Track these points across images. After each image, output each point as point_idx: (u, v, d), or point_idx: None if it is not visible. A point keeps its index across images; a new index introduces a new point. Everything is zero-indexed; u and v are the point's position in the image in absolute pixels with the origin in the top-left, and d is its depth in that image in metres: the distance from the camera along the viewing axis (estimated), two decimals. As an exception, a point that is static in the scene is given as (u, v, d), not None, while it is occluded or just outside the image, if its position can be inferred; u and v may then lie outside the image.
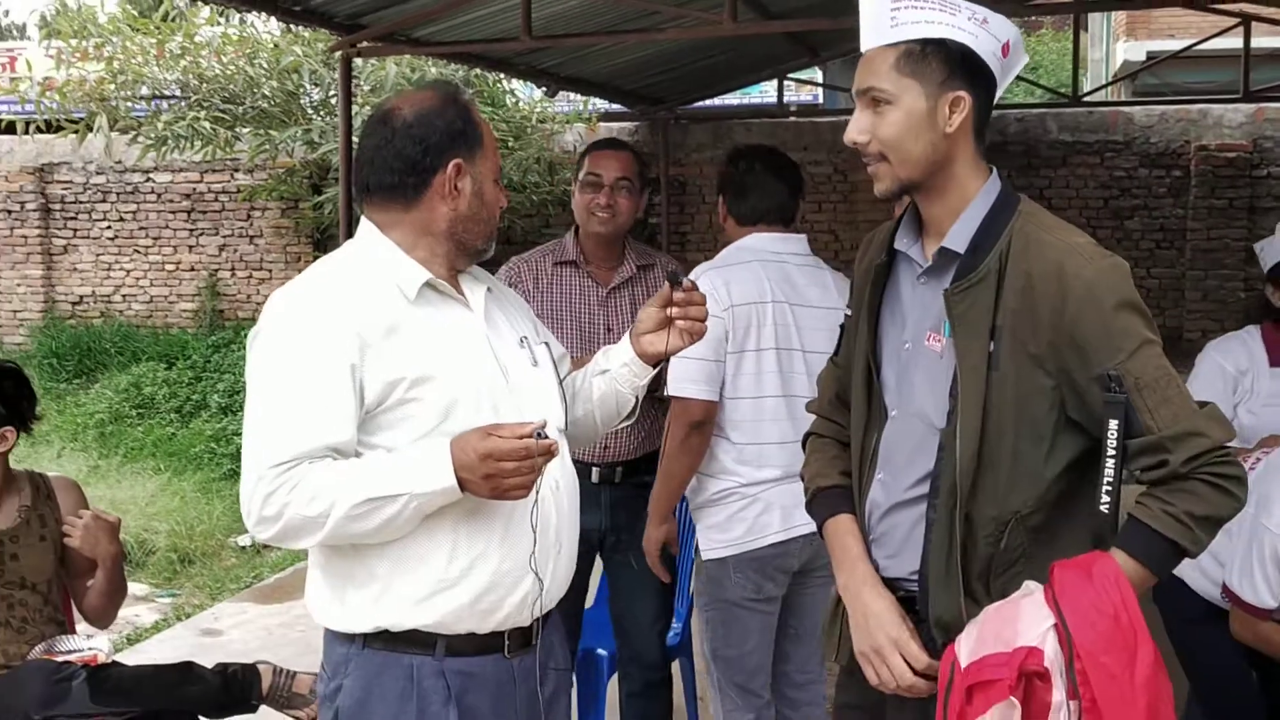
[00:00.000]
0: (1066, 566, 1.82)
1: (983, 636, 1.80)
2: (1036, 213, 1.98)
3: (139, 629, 5.81)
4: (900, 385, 2.04)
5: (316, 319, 2.06)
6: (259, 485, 2.00)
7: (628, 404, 2.36)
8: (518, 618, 2.15)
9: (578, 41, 6.78)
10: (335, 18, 6.08)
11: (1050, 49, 20.19)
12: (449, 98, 2.19)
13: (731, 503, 3.10)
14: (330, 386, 2.02)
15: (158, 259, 11.46)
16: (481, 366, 2.14)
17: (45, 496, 3.20)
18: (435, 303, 2.15)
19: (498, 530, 2.09)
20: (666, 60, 8.40)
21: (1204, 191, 9.64)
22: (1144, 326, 1.88)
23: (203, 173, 11.17)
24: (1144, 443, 1.82)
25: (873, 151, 1.96)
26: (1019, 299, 1.89)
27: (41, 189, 11.55)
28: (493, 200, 2.20)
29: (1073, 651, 1.72)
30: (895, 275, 2.09)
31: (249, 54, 9.03)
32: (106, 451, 9.39)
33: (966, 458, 1.90)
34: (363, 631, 2.11)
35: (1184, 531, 1.82)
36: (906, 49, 1.91)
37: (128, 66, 8.85)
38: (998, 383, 1.89)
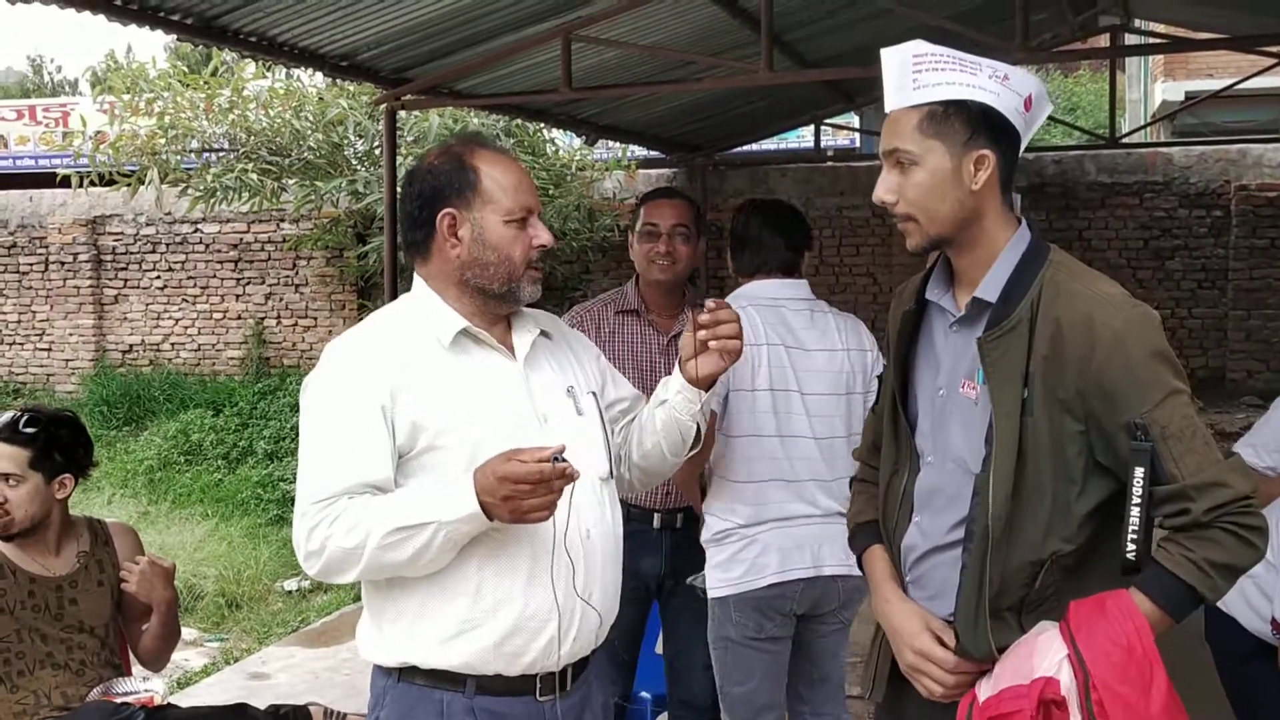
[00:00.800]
0: (1081, 603, 1.87)
1: (1000, 674, 1.86)
2: (1067, 262, 2.02)
3: (188, 672, 5.90)
4: (936, 432, 2.08)
5: (354, 365, 2.17)
6: (303, 521, 2.11)
7: (689, 431, 2.38)
8: (545, 662, 2.18)
9: (616, 92, 6.89)
10: (381, 72, 6.22)
11: (1088, 90, 20.19)
12: (445, 150, 2.26)
13: (731, 543, 3.15)
14: (366, 428, 2.11)
15: (205, 308, 11.67)
16: (511, 414, 2.18)
17: (103, 542, 3.28)
18: (471, 350, 2.22)
19: (522, 573, 2.14)
20: (703, 108, 8.49)
21: (1245, 231, 9.60)
22: (1172, 376, 1.92)
23: (249, 223, 11.39)
24: (1168, 491, 1.86)
25: (900, 212, 2.02)
26: (1050, 346, 1.92)
27: (93, 240, 11.83)
28: (502, 241, 2.21)
29: (1089, 681, 1.77)
30: (928, 324, 2.14)
31: (295, 107, 9.23)
32: (155, 497, 9.54)
33: (999, 502, 1.93)
34: (395, 665, 2.19)
35: (1203, 578, 1.85)
36: (929, 110, 1.96)
37: (178, 121, 9.06)
38: (1032, 428, 1.93)
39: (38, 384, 11.98)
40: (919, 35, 2.11)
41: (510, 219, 2.21)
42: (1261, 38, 6.53)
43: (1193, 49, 6.75)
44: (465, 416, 2.13)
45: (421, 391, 2.14)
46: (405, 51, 5.95)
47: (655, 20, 6.12)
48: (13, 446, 3.12)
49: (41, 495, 3.12)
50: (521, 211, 2.22)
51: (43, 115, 17.93)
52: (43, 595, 3.09)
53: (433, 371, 2.16)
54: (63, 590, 3.13)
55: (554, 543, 2.11)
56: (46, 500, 3.14)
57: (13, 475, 3.10)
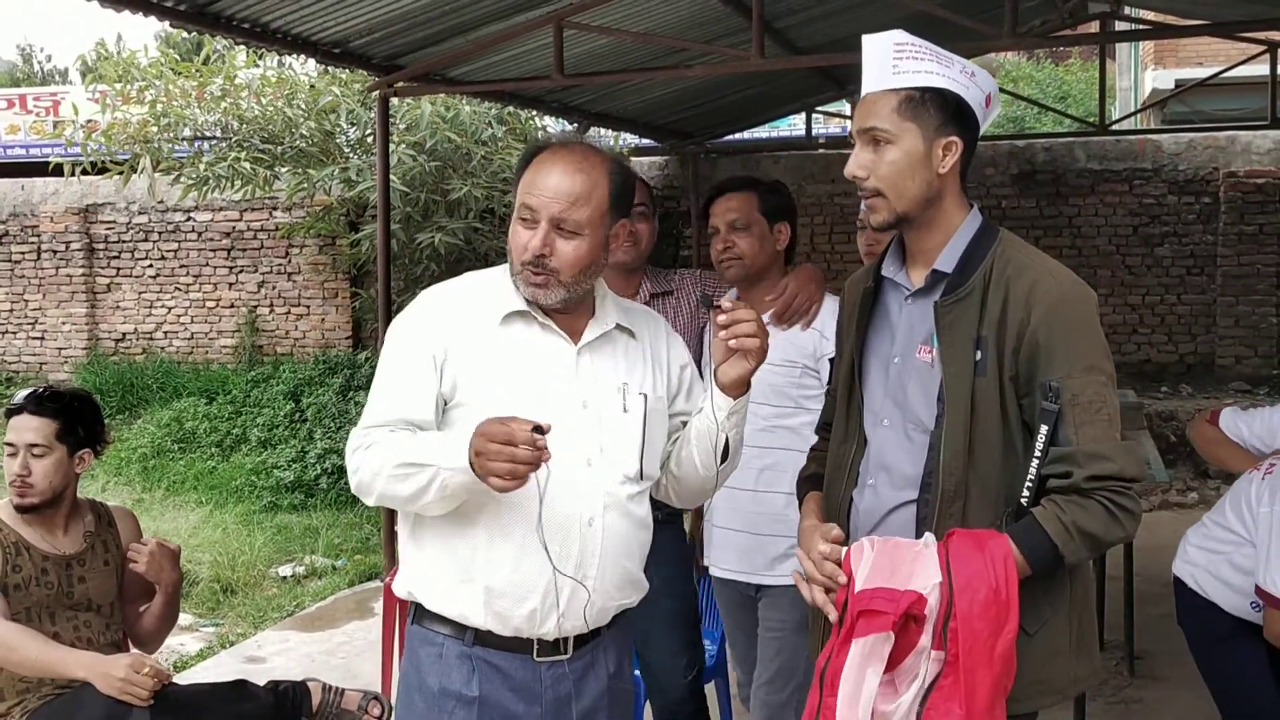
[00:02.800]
0: (964, 535, 2.04)
1: (878, 565, 2.04)
2: (1016, 241, 2.20)
3: (184, 657, 5.92)
4: (894, 396, 2.22)
5: (424, 316, 2.32)
6: (350, 442, 2.28)
7: (719, 442, 2.32)
8: (533, 629, 2.25)
9: (608, 79, 6.91)
10: (373, 59, 6.24)
11: (1079, 79, 20.23)
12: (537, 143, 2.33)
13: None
14: (417, 371, 2.26)
15: (198, 296, 11.68)
16: (550, 391, 2.25)
17: (107, 523, 3.33)
18: (526, 330, 2.30)
19: (515, 541, 2.22)
20: (696, 95, 8.52)
21: (1234, 218, 9.66)
22: (1097, 353, 2.09)
23: (242, 211, 11.40)
24: (1060, 452, 2.03)
25: (870, 187, 2.16)
26: (999, 312, 2.09)
27: (86, 229, 11.83)
28: (512, 232, 2.28)
29: (951, 610, 1.96)
30: (883, 300, 2.30)
31: (287, 95, 9.23)
32: (149, 485, 9.56)
33: (953, 455, 2.09)
34: (407, 599, 2.35)
35: (1067, 539, 2.02)
36: (908, 95, 2.12)
37: (170, 109, 9.06)
38: (984, 387, 2.09)
39: (30, 373, 11.98)
40: (909, 22, 2.24)
41: (521, 216, 2.25)
42: (1248, 23, 6.57)
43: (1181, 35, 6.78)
44: (498, 384, 2.23)
45: (468, 354, 2.26)
46: (397, 38, 5.97)
47: (647, 7, 6.14)
48: (40, 418, 3.18)
49: (63, 469, 3.19)
50: (524, 210, 2.24)
51: (33, 104, 17.90)
52: (55, 573, 3.14)
53: (482, 339, 2.27)
54: (72, 568, 3.18)
55: (535, 520, 2.17)
56: (67, 474, 3.20)
57: (39, 445, 3.16)
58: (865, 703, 1.97)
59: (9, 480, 3.13)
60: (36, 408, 3.18)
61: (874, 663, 1.99)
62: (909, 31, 2.19)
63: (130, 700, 2.85)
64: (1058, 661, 2.14)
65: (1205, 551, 3.32)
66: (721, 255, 3.26)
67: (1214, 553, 3.29)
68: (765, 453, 3.10)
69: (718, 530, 3.25)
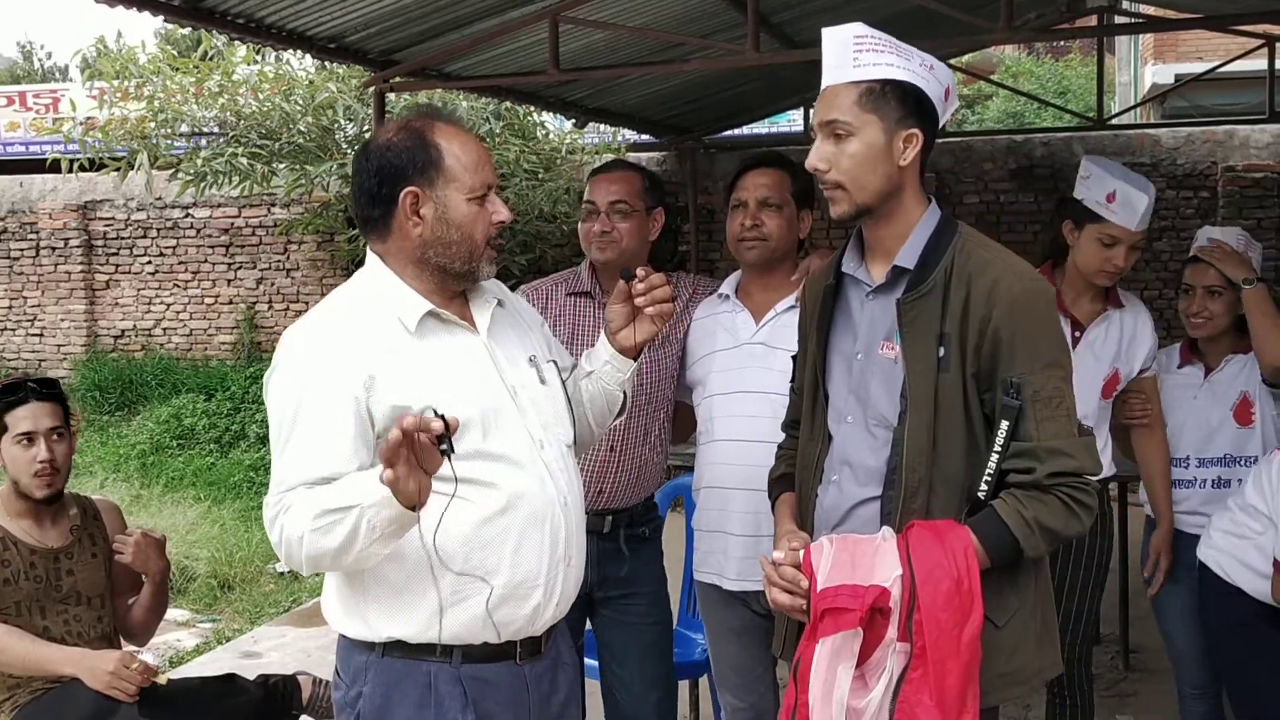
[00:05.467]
0: (923, 527, 2.06)
1: (839, 562, 2.05)
2: (976, 235, 2.22)
3: (180, 652, 5.93)
4: (857, 392, 2.22)
5: (322, 355, 2.13)
6: (267, 512, 2.14)
7: (616, 400, 2.48)
8: (529, 628, 2.23)
9: (605, 74, 6.90)
10: (369, 54, 6.22)
11: (1078, 73, 20.19)
12: (403, 125, 2.22)
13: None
14: (329, 420, 2.09)
15: (197, 293, 11.67)
16: (487, 390, 2.20)
17: (92, 516, 3.33)
18: (438, 331, 2.21)
19: (510, 544, 2.16)
20: (693, 91, 8.49)
21: (1232, 212, 9.63)
22: (1056, 349, 2.11)
23: (240, 208, 11.39)
24: (1021, 447, 2.06)
25: (831, 180, 2.17)
26: (961, 307, 2.09)
27: (84, 226, 11.82)
28: (465, 220, 2.18)
29: (914, 602, 1.98)
30: (844, 296, 2.29)
31: (285, 91, 9.22)
32: (148, 481, 9.57)
33: (916, 451, 2.09)
34: (379, 641, 2.18)
35: (1027, 534, 2.05)
36: (868, 87, 2.13)
37: (167, 105, 9.05)
38: (947, 383, 2.09)
39: (30, 369, 11.98)
40: (904, 16, 2.25)
41: (472, 196, 2.19)
42: (1247, 16, 6.55)
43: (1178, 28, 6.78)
44: (446, 398, 2.09)
45: (398, 376, 2.12)
46: (393, 33, 5.95)
47: (642, 2, 6.13)
48: (49, 404, 3.15)
49: (72, 453, 3.18)
50: (482, 188, 2.21)
51: (33, 101, 17.88)
52: (42, 566, 3.14)
53: (406, 355, 2.15)
54: (59, 561, 3.18)
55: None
56: (71, 460, 3.19)
57: (58, 429, 3.13)
58: (839, 701, 1.98)
59: (33, 470, 3.09)
60: (42, 393, 3.16)
61: (844, 659, 1.99)
62: (906, 25, 2.19)
63: (118, 695, 2.85)
64: (1024, 652, 2.15)
65: (1231, 537, 3.32)
66: (745, 234, 3.04)
67: (1240, 538, 3.29)
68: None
69: (733, 539, 3.04)
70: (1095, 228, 3.34)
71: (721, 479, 3.05)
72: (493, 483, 2.15)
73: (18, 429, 3.12)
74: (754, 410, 2.96)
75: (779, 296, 3.08)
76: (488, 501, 2.14)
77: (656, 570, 3.32)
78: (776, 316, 3.06)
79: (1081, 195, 3.37)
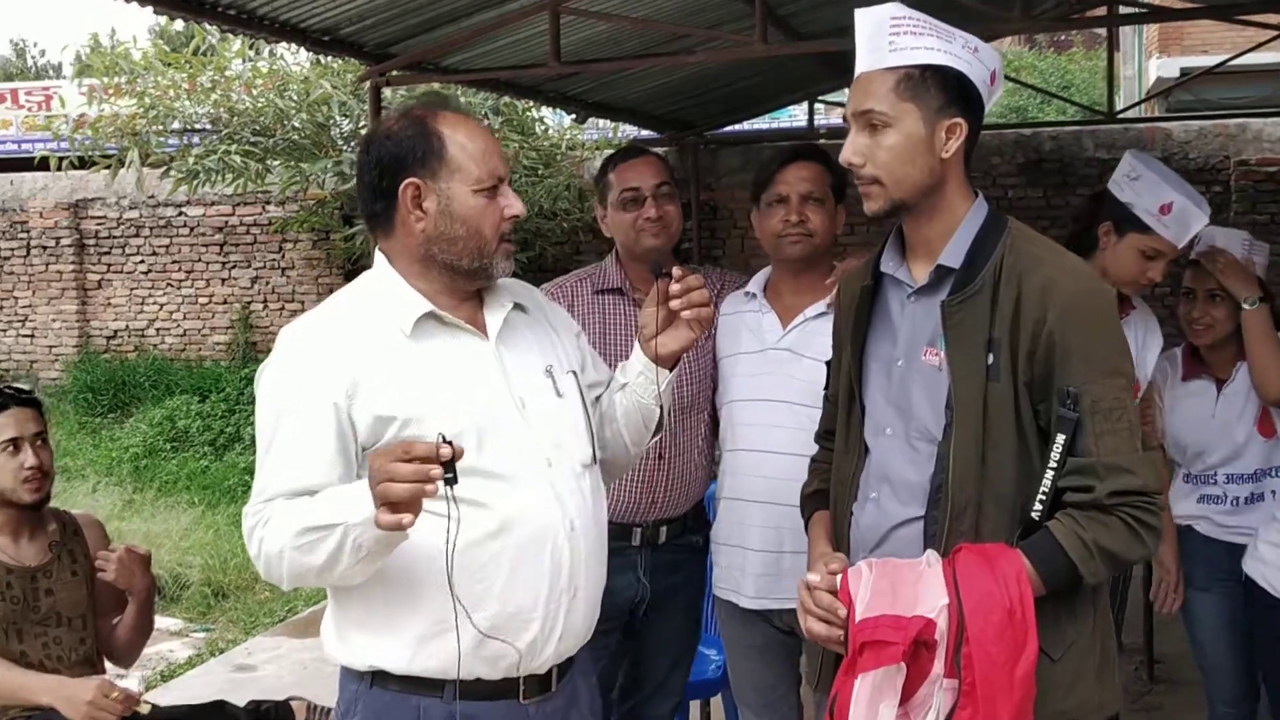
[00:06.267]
0: (972, 550, 1.89)
1: (879, 589, 1.87)
2: (1027, 231, 2.03)
3: (173, 665, 5.77)
4: (897, 403, 2.05)
5: (306, 359, 2.02)
6: (245, 521, 2.01)
7: (653, 415, 2.26)
8: (530, 664, 2.05)
9: (607, 67, 6.73)
10: (364, 47, 6.06)
11: (1081, 68, 20.08)
12: (406, 114, 2.09)
13: None
14: (309, 429, 1.98)
15: (191, 292, 11.51)
16: (488, 399, 2.05)
17: (73, 532, 3.16)
18: (438, 334, 2.06)
19: (503, 570, 1.99)
20: (696, 85, 8.35)
21: (1245, 207, 9.48)
22: (1117, 357, 1.94)
23: (235, 206, 11.23)
24: (1080, 463, 1.88)
25: (867, 175, 1.99)
26: (1011, 310, 1.93)
27: (76, 224, 11.66)
28: (471, 213, 2.04)
29: (963, 635, 1.80)
30: (883, 298, 2.12)
31: (279, 87, 9.06)
32: (141, 485, 9.40)
33: (963, 467, 1.93)
34: (365, 670, 2.05)
35: (1086, 558, 1.87)
36: (906, 73, 1.95)
37: (159, 102, 8.88)
38: (997, 393, 1.93)
39: (21, 370, 11.82)
40: (918, 5, 2.07)
41: (480, 188, 2.04)
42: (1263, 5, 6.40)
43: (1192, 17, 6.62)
44: (435, 405, 1.97)
45: (384, 382, 1.98)
46: (389, 26, 5.79)
47: (646, -8, 5.99)
48: (30, 409, 3.04)
49: (52, 463, 3.05)
50: (491, 179, 2.05)
51: (25, 99, 17.74)
52: (19, 586, 2.98)
53: (396, 360, 2.01)
54: (37, 580, 3.02)
55: (449, 543, 1.89)
56: None
57: (41, 434, 3.03)
58: None
59: (21, 476, 2.97)
60: (21, 399, 3.05)
61: (886, 697, 1.82)
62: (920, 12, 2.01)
63: None
64: (1083, 688, 1.97)
65: (1277, 549, 3.16)
66: (789, 230, 2.87)
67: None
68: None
69: (751, 555, 2.88)
70: (1140, 238, 3.01)
71: (741, 491, 2.89)
72: (485, 502, 1.98)
73: (2, 436, 2.98)
74: (776, 420, 2.79)
75: (810, 300, 2.90)
76: (478, 523, 1.96)
77: (701, 582, 3.22)
78: (806, 322, 2.88)
79: (1129, 200, 3.05)
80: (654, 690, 3.17)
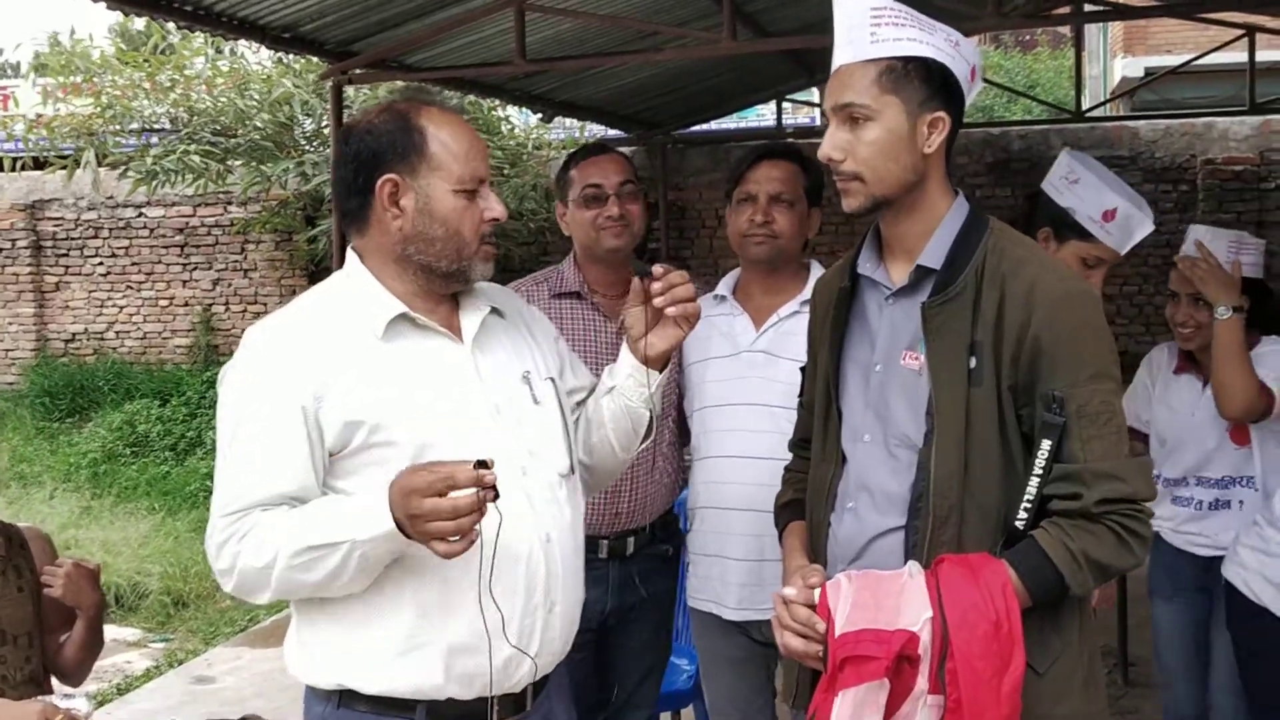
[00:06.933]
0: (954, 562, 1.83)
1: (859, 602, 1.80)
2: (1009, 231, 1.97)
3: (129, 677, 5.63)
4: (876, 408, 1.99)
5: (273, 362, 1.94)
6: (213, 535, 1.92)
7: (642, 420, 2.18)
8: (505, 683, 1.96)
9: (573, 65, 6.65)
10: (326, 45, 5.96)
11: (1047, 67, 20.16)
12: (388, 107, 2.02)
13: None
14: (282, 433, 1.90)
15: (151, 294, 11.32)
16: (461, 404, 1.97)
17: (18, 546, 3.03)
18: (411, 337, 1.99)
19: (473, 585, 1.90)
20: (664, 84, 8.29)
21: (1211, 206, 9.50)
22: (1104, 359, 1.88)
23: (195, 206, 11.05)
24: (1066, 470, 1.82)
25: (848, 170, 1.92)
26: (994, 312, 1.87)
27: (33, 226, 11.44)
28: (450, 214, 1.96)
29: (947, 649, 1.74)
30: (860, 301, 2.05)
31: (239, 85, 8.91)
32: (100, 491, 9.22)
33: (945, 475, 1.86)
34: (332, 688, 1.97)
35: (1074, 570, 1.81)
36: (888, 65, 1.89)
37: (116, 101, 8.72)
38: (980, 398, 1.86)
39: (-24, 375, 11.59)
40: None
41: (460, 188, 1.96)
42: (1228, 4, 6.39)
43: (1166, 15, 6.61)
44: (405, 410, 1.90)
45: (353, 386, 1.91)
46: (351, 22, 5.68)
47: (613, -11, 5.90)
48: None
49: None
50: (473, 181, 1.97)
51: (-18, 98, 17.43)
52: None
53: (366, 363, 1.93)
54: None
55: (487, 550, 1.85)
56: None
57: None
58: None
59: None
60: None
61: (869, 713, 1.76)
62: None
63: None
64: (1069, 701, 1.91)
65: (1258, 553, 3.09)
66: (753, 230, 2.79)
67: (1268, 555, 3.07)
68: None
69: (733, 564, 2.81)
70: (1082, 245, 2.84)
71: (719, 499, 2.80)
72: None
73: None
74: (754, 425, 2.71)
75: (783, 300, 2.82)
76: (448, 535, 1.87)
77: (671, 592, 3.14)
78: (780, 322, 2.80)
79: (1070, 205, 2.88)
80: (624, 703, 3.09)
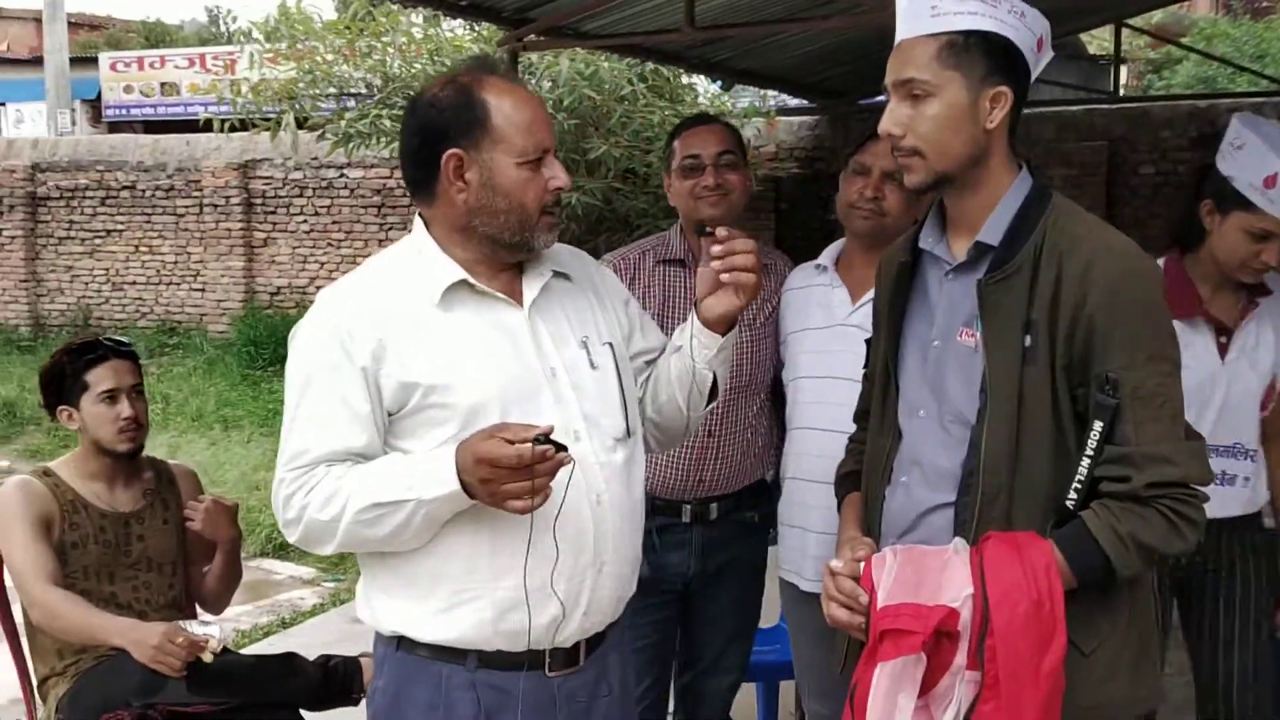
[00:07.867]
0: (999, 540, 1.82)
1: (902, 577, 1.81)
2: (1071, 208, 1.95)
3: (297, 612, 5.96)
4: (932, 384, 1.97)
5: (338, 323, 2.00)
6: (280, 487, 2.00)
7: (705, 380, 2.17)
8: (549, 640, 2.01)
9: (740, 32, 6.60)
10: (503, 12, 6.09)
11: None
12: (450, 80, 2.05)
13: None
14: (346, 392, 1.97)
15: (349, 252, 11.85)
16: (516, 368, 2.01)
17: (168, 481, 3.27)
18: (469, 303, 2.03)
19: (522, 543, 1.95)
20: (845, 52, 8.13)
21: None
22: (1161, 341, 1.84)
23: (392, 169, 11.48)
24: (1117, 452, 1.80)
25: (907, 146, 1.91)
26: (1051, 291, 1.84)
27: (245, 184, 12.13)
28: (514, 186, 1.99)
29: (987, 627, 1.74)
30: (921, 275, 2.03)
31: (431, 51, 9.19)
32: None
33: (996, 452, 1.85)
34: (390, 634, 2.05)
35: (1121, 552, 1.80)
36: (949, 40, 1.87)
37: (317, 66, 9.13)
38: (1033, 377, 1.84)
39: (191, 324, 12.39)
40: None
41: (524, 160, 1.99)
42: None
43: None
44: (460, 373, 1.96)
45: (410, 350, 1.97)
46: (525, -11, 5.80)
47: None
48: (128, 361, 3.14)
49: (147, 413, 3.17)
50: (536, 151, 2.00)
51: (212, 63, 18.54)
52: (112, 531, 3.09)
53: (423, 327, 1.99)
54: (130, 526, 3.13)
55: (554, 509, 1.92)
56: None
57: (138, 386, 3.13)
58: None
59: (118, 426, 3.07)
60: (120, 351, 3.15)
61: (906, 687, 1.77)
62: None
63: (163, 670, 2.77)
64: (1116, 683, 1.88)
65: None
66: (862, 203, 2.76)
67: None
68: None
69: (812, 536, 2.82)
70: (1244, 216, 2.70)
71: (805, 471, 2.80)
72: None
73: (100, 386, 3.09)
74: (844, 398, 2.66)
75: None
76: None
77: (758, 560, 3.15)
78: None
79: (1230, 172, 2.71)
80: (709, 666, 3.13)
